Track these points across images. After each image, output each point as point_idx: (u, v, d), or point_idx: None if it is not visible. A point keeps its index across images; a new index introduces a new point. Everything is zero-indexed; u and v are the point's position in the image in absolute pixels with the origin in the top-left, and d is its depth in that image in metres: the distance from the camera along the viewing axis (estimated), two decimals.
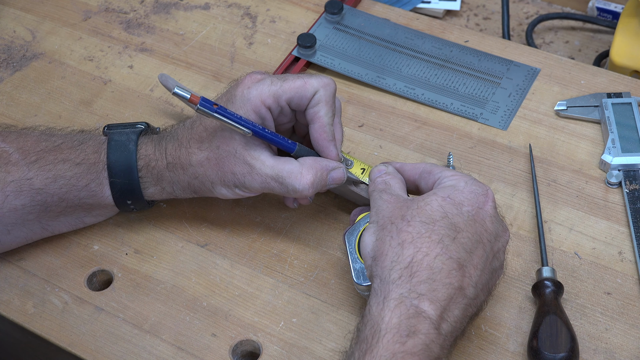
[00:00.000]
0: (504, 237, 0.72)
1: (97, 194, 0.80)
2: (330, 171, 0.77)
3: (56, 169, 0.78)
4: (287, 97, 0.76)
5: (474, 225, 0.69)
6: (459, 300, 0.66)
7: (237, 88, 0.77)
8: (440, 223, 0.68)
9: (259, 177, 0.76)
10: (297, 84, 0.76)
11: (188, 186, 0.80)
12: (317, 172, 0.76)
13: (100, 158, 0.79)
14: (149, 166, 0.79)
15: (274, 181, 0.76)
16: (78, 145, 0.80)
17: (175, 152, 0.78)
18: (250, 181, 0.76)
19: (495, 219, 0.71)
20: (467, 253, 0.68)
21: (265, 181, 0.76)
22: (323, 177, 0.77)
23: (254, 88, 0.76)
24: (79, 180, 0.79)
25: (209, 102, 0.73)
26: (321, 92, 0.76)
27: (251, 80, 0.77)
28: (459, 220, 0.68)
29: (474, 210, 0.70)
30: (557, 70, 0.98)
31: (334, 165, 0.77)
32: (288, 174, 0.75)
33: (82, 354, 0.77)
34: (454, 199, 0.70)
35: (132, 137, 0.80)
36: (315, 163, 0.77)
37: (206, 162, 0.77)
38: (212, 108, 0.73)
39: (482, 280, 0.68)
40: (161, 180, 0.80)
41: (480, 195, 0.71)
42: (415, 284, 0.65)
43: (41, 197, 0.78)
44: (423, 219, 0.68)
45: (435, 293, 0.65)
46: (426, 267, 0.66)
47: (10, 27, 1.06)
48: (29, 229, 0.81)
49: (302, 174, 0.76)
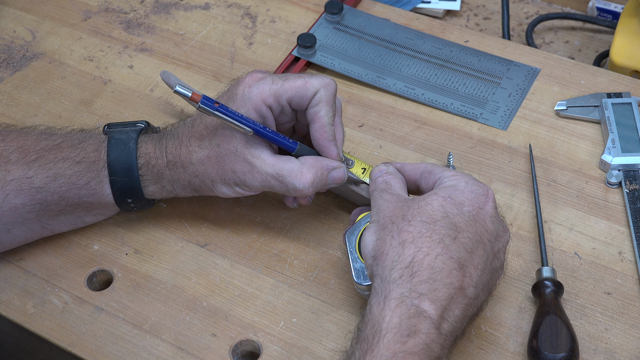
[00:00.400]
0: (505, 237, 0.72)
1: (98, 192, 0.80)
2: (330, 170, 0.77)
3: (56, 167, 0.78)
4: (287, 96, 0.76)
5: (474, 225, 0.69)
6: (459, 300, 0.66)
7: (238, 87, 0.77)
8: (441, 223, 0.68)
9: (259, 176, 0.76)
10: (298, 84, 0.76)
11: (188, 185, 0.80)
12: (318, 171, 0.76)
13: (100, 156, 0.79)
14: (149, 164, 0.79)
15: (275, 180, 0.76)
16: (78, 143, 0.80)
17: (175, 150, 0.78)
18: (250, 179, 0.76)
19: (496, 219, 0.71)
20: (468, 253, 0.68)
21: (265, 179, 0.76)
22: (324, 176, 0.77)
23: (255, 87, 0.76)
24: (79, 179, 0.79)
25: (210, 100, 0.73)
26: (322, 92, 0.76)
27: (252, 79, 0.77)
28: (459, 220, 0.68)
29: (475, 211, 0.70)
30: (557, 70, 0.98)
31: (335, 164, 0.78)
32: (289, 172, 0.76)
33: (82, 354, 0.77)
34: (454, 199, 0.70)
35: (133, 136, 0.80)
36: (316, 162, 0.77)
37: (207, 160, 0.77)
38: (213, 106, 0.73)
39: (482, 280, 0.68)
40: (161, 178, 0.80)
41: (480, 196, 0.71)
42: (416, 283, 0.65)
43: (41, 196, 0.78)
44: (424, 219, 0.68)
45: (436, 293, 0.65)
46: (427, 267, 0.66)
47: (10, 27, 1.06)
48: (29, 228, 0.81)
49: (303, 172, 0.76)
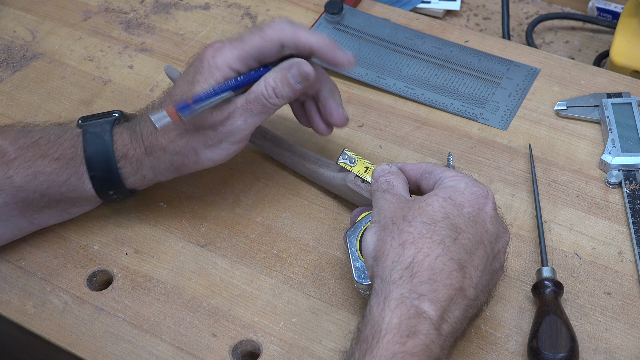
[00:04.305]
0: (505, 239, 0.72)
1: (78, 187, 0.80)
2: (290, 68, 0.76)
3: (35, 165, 0.78)
4: (252, 56, 0.76)
5: (474, 226, 0.69)
6: (459, 301, 0.66)
7: (203, 59, 0.76)
8: (442, 224, 0.68)
9: (239, 115, 0.76)
10: (256, 41, 0.76)
11: (170, 165, 0.79)
12: (278, 72, 0.76)
13: (77, 152, 0.79)
14: (127, 156, 0.79)
15: (249, 103, 0.76)
16: (55, 139, 0.79)
17: (151, 135, 0.78)
18: (233, 124, 0.76)
19: (496, 220, 0.71)
20: (468, 254, 0.68)
21: (243, 113, 0.76)
22: (286, 78, 0.76)
23: (218, 56, 0.76)
24: (58, 176, 0.78)
25: (184, 105, 0.73)
26: (286, 35, 0.76)
27: (213, 50, 0.77)
28: (459, 222, 0.68)
29: (475, 212, 0.70)
30: (557, 70, 0.98)
31: (296, 60, 0.76)
32: (256, 86, 0.76)
33: (82, 354, 0.77)
34: (454, 200, 0.70)
35: (107, 127, 0.79)
36: (277, 69, 0.76)
37: (184, 132, 0.77)
38: (191, 106, 0.73)
39: (482, 281, 0.68)
40: (141, 168, 0.79)
41: (480, 197, 0.71)
42: (416, 284, 0.65)
43: (23, 194, 0.78)
44: (424, 220, 0.68)
45: (436, 294, 0.65)
46: (427, 268, 0.66)
47: (10, 27, 1.06)
48: (15, 224, 0.81)
49: (266, 79, 0.76)
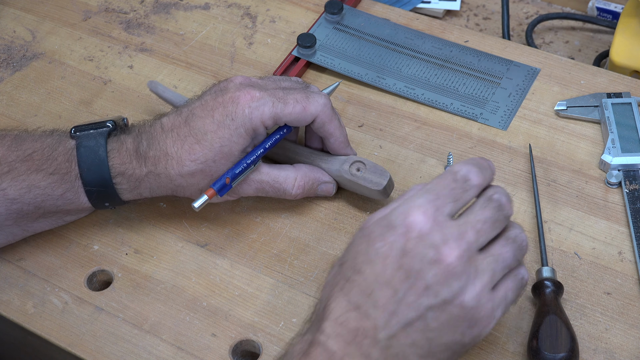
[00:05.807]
0: (433, 271, 0.62)
1: (74, 201, 0.79)
2: (321, 184, 0.84)
3: (30, 179, 0.77)
4: (286, 120, 0.79)
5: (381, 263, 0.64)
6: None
7: (237, 105, 0.77)
8: (345, 266, 0.67)
9: (255, 184, 0.80)
10: (297, 110, 0.79)
11: (170, 191, 0.80)
12: (310, 180, 0.83)
13: (72, 167, 0.78)
14: (125, 174, 0.78)
15: (270, 186, 0.81)
16: (50, 152, 0.78)
17: (159, 162, 0.77)
18: (245, 188, 0.80)
19: (417, 250, 0.63)
20: (366, 295, 0.63)
21: (261, 186, 0.81)
22: (314, 187, 0.84)
23: (256, 109, 0.77)
24: (54, 190, 0.78)
25: (222, 184, 0.77)
26: (321, 117, 0.80)
27: (251, 98, 0.77)
28: (359, 260, 0.65)
29: (386, 246, 0.64)
30: (557, 70, 0.98)
31: (327, 179, 0.84)
32: (284, 179, 0.81)
33: (82, 354, 0.77)
34: (368, 236, 0.67)
35: (101, 142, 0.78)
36: (309, 172, 0.83)
37: (199, 173, 0.77)
38: (227, 185, 0.77)
39: (402, 320, 0.62)
40: (139, 187, 0.79)
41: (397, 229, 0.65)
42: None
43: (17, 206, 0.78)
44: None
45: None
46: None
47: (10, 27, 1.06)
48: (9, 232, 0.80)
49: (297, 180, 0.82)
